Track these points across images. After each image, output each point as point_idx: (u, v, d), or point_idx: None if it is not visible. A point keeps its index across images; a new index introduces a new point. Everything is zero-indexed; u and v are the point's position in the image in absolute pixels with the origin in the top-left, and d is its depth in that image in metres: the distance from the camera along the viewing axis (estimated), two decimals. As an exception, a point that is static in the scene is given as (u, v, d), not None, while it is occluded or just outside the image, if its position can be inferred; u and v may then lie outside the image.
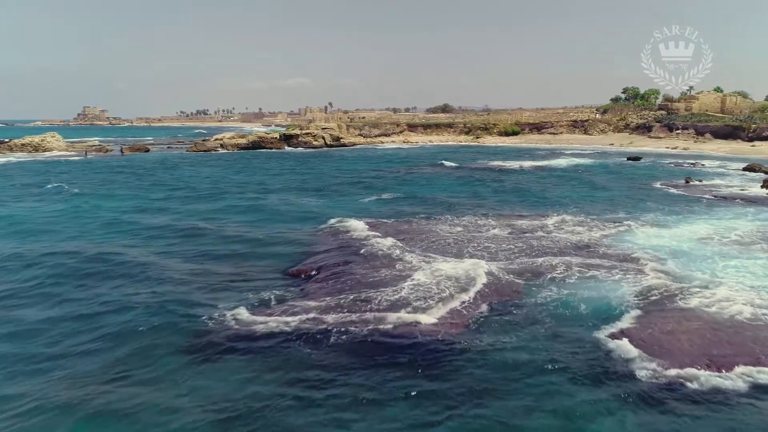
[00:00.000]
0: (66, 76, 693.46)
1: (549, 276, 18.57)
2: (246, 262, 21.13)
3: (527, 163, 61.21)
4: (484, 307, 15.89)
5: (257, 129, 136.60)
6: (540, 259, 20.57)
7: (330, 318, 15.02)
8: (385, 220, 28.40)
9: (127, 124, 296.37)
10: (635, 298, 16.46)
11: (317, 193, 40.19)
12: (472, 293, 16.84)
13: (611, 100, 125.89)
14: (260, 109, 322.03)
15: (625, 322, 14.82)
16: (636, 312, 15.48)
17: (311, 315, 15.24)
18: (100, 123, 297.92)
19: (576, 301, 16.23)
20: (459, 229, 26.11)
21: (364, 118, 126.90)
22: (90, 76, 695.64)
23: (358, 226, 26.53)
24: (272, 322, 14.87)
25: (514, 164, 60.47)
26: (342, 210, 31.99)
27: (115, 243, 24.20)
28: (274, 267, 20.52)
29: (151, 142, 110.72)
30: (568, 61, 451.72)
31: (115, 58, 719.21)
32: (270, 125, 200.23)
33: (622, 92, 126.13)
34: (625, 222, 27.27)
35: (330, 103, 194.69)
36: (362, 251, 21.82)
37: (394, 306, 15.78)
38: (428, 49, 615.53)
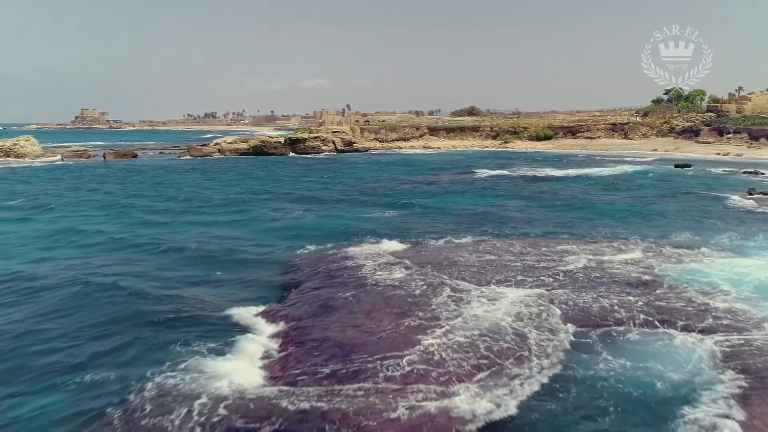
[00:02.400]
0: (66, 76, 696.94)
1: (603, 329, 14.64)
2: (196, 304, 17.22)
3: (564, 172, 57.18)
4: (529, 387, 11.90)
5: (266, 133, 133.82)
6: (590, 300, 16.64)
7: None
8: (398, 244, 24.63)
9: (129, 128, 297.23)
10: (727, 365, 12.49)
11: (311, 206, 36.52)
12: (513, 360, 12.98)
13: (652, 101, 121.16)
14: (272, 111, 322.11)
15: (721, 407, 10.85)
16: (732, 388, 11.53)
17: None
18: (100, 126, 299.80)
19: (644, 373, 12.25)
20: (490, 256, 22.17)
21: (383, 121, 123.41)
22: (91, 77, 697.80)
23: (356, 252, 22.86)
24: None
25: (549, 172, 56.49)
26: (339, 227, 28.63)
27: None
28: (237, 302, 17.07)
29: (142, 147, 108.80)
30: (603, 61, 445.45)
31: (119, 58, 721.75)
32: (282, 129, 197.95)
33: (664, 93, 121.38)
34: (692, 247, 23.19)
35: (348, 105, 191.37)
36: (361, 285, 18.16)
37: (405, 381, 11.91)
38: (454, 49, 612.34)
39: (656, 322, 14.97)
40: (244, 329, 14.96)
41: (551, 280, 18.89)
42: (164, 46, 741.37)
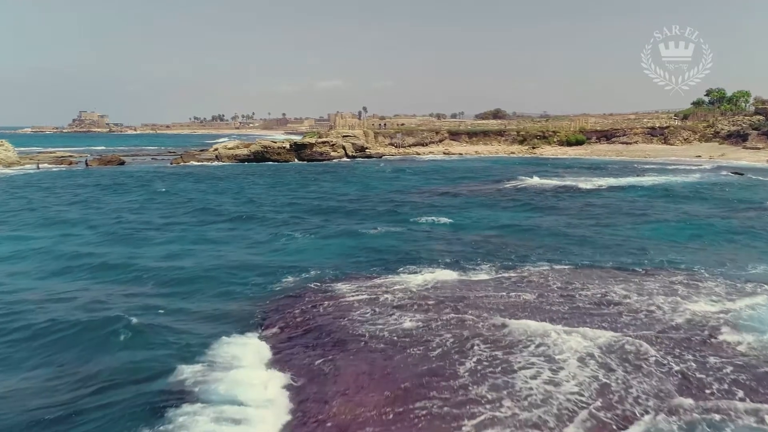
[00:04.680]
0: (65, 76, 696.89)
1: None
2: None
3: (602, 181, 53.09)
4: None
5: (277, 137, 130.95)
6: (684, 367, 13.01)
7: None
8: (407, 276, 21.03)
9: (130, 132, 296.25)
10: None
11: (297, 226, 31.96)
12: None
13: (692, 103, 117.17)
14: (284, 114, 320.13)
15: None
16: None
17: None
18: (98, 130, 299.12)
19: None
20: (529, 293, 18.56)
21: (402, 125, 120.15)
22: (92, 77, 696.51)
23: (348, 290, 19.12)
24: None
25: (584, 182, 52.34)
26: (330, 254, 24.88)
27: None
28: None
29: (134, 152, 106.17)
30: (636, 61, 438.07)
31: (121, 57, 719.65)
32: (294, 133, 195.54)
33: (705, 94, 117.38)
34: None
35: (364, 108, 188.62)
36: (351, 340, 14.63)
37: None
38: (479, 49, 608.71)
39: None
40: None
41: (622, 327, 15.34)
42: (170, 45, 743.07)
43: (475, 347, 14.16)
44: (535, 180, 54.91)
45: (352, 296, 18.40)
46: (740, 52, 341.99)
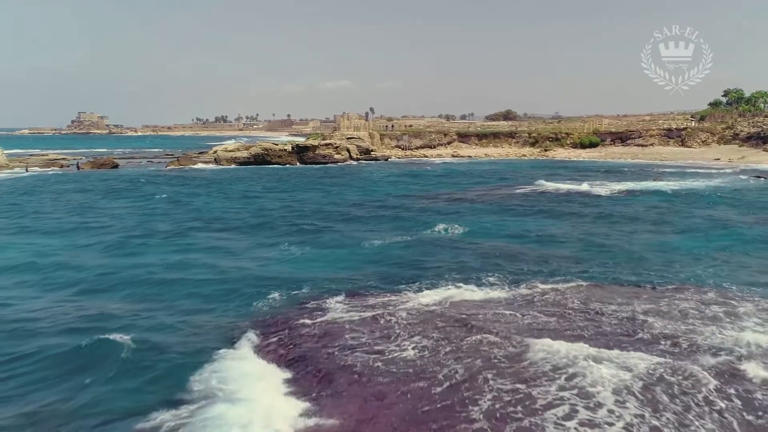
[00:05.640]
0: (64, 76, 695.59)
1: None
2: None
3: (619, 186, 51.48)
4: None
5: (283, 139, 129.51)
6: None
7: None
8: (411, 295, 19.42)
9: (131, 133, 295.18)
10: None
11: (286, 237, 29.70)
12: None
13: (709, 104, 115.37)
14: (289, 115, 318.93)
15: None
16: None
17: None
18: (98, 131, 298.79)
19: None
20: (546, 315, 16.94)
21: (410, 126, 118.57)
22: (92, 77, 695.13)
23: (341, 311, 17.43)
24: None
25: (601, 187, 50.63)
26: (318, 271, 22.77)
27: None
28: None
29: (130, 155, 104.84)
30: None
31: (122, 56, 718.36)
32: (299, 134, 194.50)
33: (722, 95, 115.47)
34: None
35: (371, 109, 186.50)
36: (343, 370, 12.98)
37: None
38: (489, 48, 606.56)
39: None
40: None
41: (660, 355, 13.67)
42: (171, 44, 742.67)
43: (491, 380, 12.52)
44: (549, 185, 53.20)
45: (348, 316, 16.79)
46: (759, 51, 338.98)
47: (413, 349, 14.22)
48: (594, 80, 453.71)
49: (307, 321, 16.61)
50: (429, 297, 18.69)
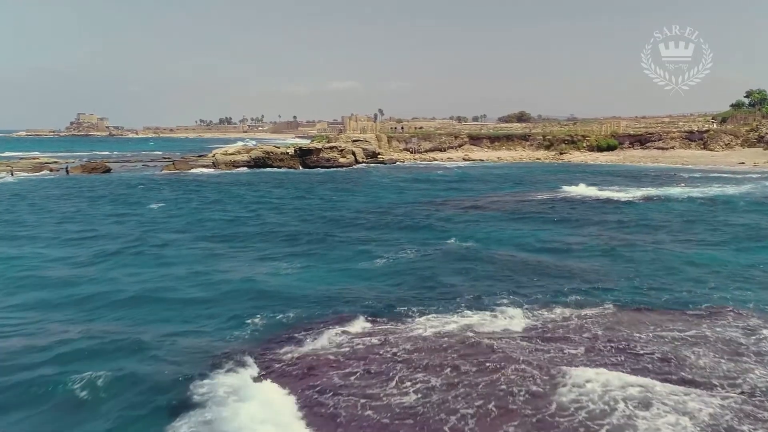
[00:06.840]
0: (65, 77, 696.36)
1: None
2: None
3: (641, 192, 49.20)
4: None
5: (288, 141, 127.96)
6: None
7: None
8: (417, 322, 17.30)
9: (132, 135, 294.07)
10: None
11: (279, 250, 27.88)
12: None
13: (731, 105, 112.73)
14: (295, 117, 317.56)
15: None
16: None
17: None
18: (97, 133, 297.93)
19: None
20: (571, 344, 14.84)
21: (420, 128, 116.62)
22: (92, 77, 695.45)
23: (327, 343, 15.29)
24: None
25: (622, 193, 48.41)
26: (310, 293, 20.95)
27: None
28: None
29: (125, 158, 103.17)
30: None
31: (123, 56, 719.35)
32: (305, 136, 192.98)
33: (745, 96, 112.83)
34: None
35: (380, 110, 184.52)
36: (333, 420, 10.91)
37: None
38: (502, 48, 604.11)
39: None
40: None
41: (721, 399, 11.46)
42: (172, 44, 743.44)
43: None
44: (567, 190, 51.17)
45: (338, 348, 14.70)
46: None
47: (414, 392, 12.16)
48: (610, 81, 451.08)
49: (288, 354, 14.48)
50: (436, 324, 16.58)
